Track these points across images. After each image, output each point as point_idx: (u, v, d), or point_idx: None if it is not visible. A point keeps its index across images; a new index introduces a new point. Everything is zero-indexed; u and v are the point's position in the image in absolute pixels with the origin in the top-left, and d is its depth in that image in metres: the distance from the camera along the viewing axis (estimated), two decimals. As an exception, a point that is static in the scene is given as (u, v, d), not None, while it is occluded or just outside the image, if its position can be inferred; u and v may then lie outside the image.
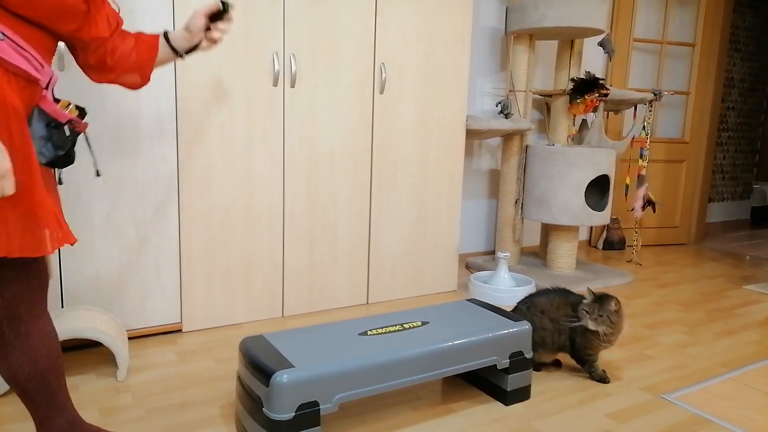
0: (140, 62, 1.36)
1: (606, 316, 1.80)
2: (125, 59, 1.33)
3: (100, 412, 1.61)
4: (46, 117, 1.15)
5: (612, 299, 1.81)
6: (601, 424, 1.63)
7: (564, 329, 1.87)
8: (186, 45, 1.41)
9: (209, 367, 1.92)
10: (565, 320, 1.85)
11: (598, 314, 1.80)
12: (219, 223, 2.21)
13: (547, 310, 1.88)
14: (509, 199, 3.27)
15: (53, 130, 1.16)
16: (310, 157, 2.36)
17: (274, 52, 2.21)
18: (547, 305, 1.89)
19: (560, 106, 3.30)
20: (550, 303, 1.90)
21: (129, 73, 1.36)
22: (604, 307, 1.80)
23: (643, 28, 3.97)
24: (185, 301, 2.19)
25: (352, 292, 2.58)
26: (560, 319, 1.87)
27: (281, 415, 1.34)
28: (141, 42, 1.36)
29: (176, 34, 1.40)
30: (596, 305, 1.81)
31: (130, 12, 1.94)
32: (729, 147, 5.08)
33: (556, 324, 1.87)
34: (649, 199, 3.50)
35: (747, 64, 4.99)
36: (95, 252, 2.00)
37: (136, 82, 1.39)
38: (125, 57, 1.33)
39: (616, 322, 1.81)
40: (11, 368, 1.17)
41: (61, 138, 1.17)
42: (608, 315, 1.80)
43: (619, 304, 1.82)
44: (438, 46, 2.60)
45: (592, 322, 1.80)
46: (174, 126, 2.07)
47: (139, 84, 1.40)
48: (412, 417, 1.64)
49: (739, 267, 3.63)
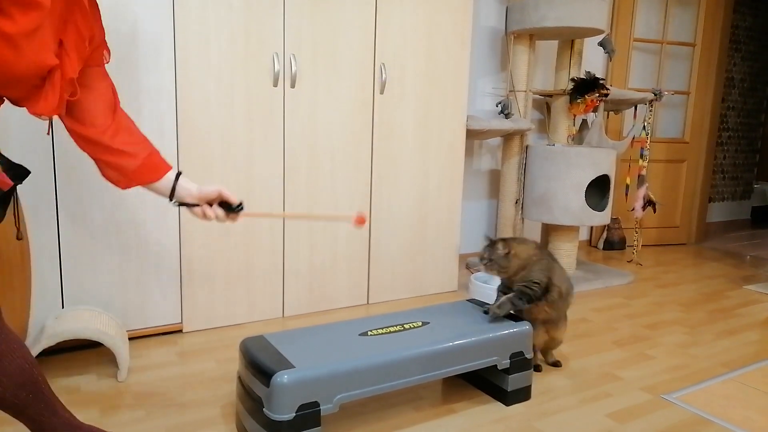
0: (141, 172, 1.27)
1: (494, 260, 1.77)
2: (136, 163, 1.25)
3: (100, 413, 1.61)
4: None
5: (499, 242, 1.78)
6: (602, 425, 1.63)
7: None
8: (184, 198, 1.34)
9: (210, 368, 1.92)
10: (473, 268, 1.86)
11: (488, 258, 1.78)
12: (219, 223, 2.20)
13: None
14: (509, 199, 3.27)
15: None
16: (310, 157, 2.36)
17: (275, 53, 2.21)
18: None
19: (560, 106, 3.29)
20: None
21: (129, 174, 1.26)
22: (492, 250, 1.78)
23: (643, 28, 3.97)
24: (186, 301, 2.19)
25: (352, 292, 2.58)
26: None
27: (282, 415, 1.34)
28: (153, 157, 1.29)
29: (186, 184, 1.33)
30: (487, 250, 1.79)
31: (131, 13, 1.94)
32: (729, 147, 5.08)
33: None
34: (650, 199, 3.50)
35: (747, 63, 4.98)
36: (96, 252, 2.00)
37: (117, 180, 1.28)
38: (137, 162, 1.25)
39: (506, 266, 1.77)
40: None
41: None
42: (496, 259, 1.77)
43: (508, 246, 1.78)
44: (438, 46, 2.60)
45: (483, 267, 1.79)
46: (174, 126, 2.07)
47: (121, 185, 1.28)
48: (412, 417, 1.64)
49: (739, 267, 3.63)
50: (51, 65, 1.03)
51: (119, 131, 1.24)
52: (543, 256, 1.81)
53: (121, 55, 1.94)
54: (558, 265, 1.86)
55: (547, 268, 1.79)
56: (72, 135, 1.23)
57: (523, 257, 1.78)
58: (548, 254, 1.86)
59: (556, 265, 1.85)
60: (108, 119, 1.23)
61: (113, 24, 1.91)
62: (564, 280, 1.86)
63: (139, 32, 1.96)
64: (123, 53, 1.94)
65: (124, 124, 1.27)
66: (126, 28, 1.94)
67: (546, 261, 1.81)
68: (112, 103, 1.26)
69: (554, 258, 1.87)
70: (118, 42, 1.93)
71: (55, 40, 1.04)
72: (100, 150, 1.23)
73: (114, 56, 1.93)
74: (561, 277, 1.85)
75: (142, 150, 1.27)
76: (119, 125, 1.25)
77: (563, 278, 1.86)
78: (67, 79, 1.09)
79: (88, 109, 1.21)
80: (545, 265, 1.79)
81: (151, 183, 1.30)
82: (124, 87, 1.96)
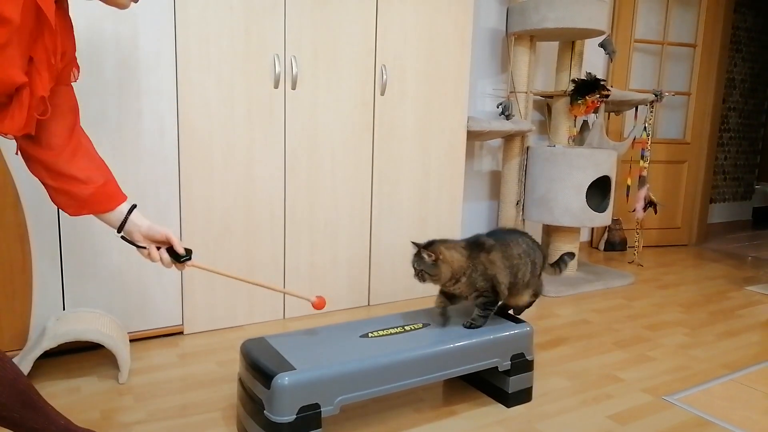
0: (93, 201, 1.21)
1: (423, 270, 1.62)
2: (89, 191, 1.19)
3: (101, 415, 1.61)
4: None
5: (423, 251, 1.62)
6: (603, 426, 1.63)
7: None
8: (132, 234, 1.28)
9: (210, 370, 1.92)
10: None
11: (418, 269, 1.63)
12: (220, 224, 2.21)
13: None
14: (510, 201, 3.27)
15: None
16: (311, 158, 2.36)
17: (275, 54, 2.21)
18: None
19: (561, 108, 3.29)
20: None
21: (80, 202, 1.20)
22: (419, 260, 1.63)
23: (643, 29, 3.97)
24: (186, 303, 2.19)
25: (353, 294, 2.58)
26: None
27: (282, 417, 1.34)
28: (108, 186, 1.23)
29: (137, 220, 1.27)
30: (414, 259, 1.65)
31: (131, 14, 1.94)
32: (730, 148, 5.07)
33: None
34: (651, 200, 3.50)
35: (748, 64, 4.98)
36: (96, 254, 2.00)
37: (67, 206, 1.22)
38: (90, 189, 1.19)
39: (436, 273, 1.61)
40: None
41: None
42: (425, 268, 1.61)
43: (435, 253, 1.61)
44: (439, 47, 2.60)
45: (416, 278, 1.65)
46: (175, 127, 2.07)
47: (71, 212, 1.22)
48: (413, 419, 1.64)
49: (740, 268, 3.62)
50: (19, 83, 0.99)
51: (76, 154, 1.18)
52: (474, 260, 1.65)
53: (121, 56, 1.94)
54: (499, 251, 1.69)
55: (483, 272, 1.65)
56: (24, 156, 1.16)
57: (455, 264, 1.63)
58: (481, 248, 1.68)
59: (495, 257, 1.67)
60: (65, 140, 1.17)
61: (114, 25, 1.92)
62: (510, 265, 1.69)
63: (139, 33, 1.96)
64: (124, 54, 1.95)
65: (83, 146, 1.20)
66: (127, 30, 1.94)
67: (480, 267, 1.65)
68: (72, 124, 1.19)
69: (489, 247, 1.69)
70: (119, 43, 1.93)
71: (24, 56, 1.00)
72: (52, 176, 1.17)
73: (115, 57, 1.93)
74: (505, 263, 1.68)
75: (97, 177, 1.21)
76: (77, 147, 1.19)
77: (508, 262, 1.69)
78: (37, 98, 1.04)
79: (48, 128, 1.15)
80: (482, 270, 1.65)
81: (103, 213, 1.24)
82: (125, 88, 1.96)
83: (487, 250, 1.68)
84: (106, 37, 1.91)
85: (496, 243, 1.71)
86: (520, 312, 1.86)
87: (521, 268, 1.72)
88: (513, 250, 1.72)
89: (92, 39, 1.89)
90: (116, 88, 1.95)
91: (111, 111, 1.95)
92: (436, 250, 1.62)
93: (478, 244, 1.69)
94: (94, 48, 1.90)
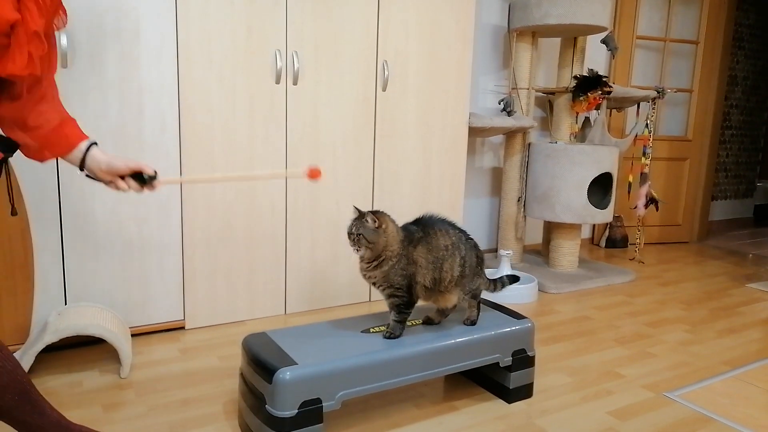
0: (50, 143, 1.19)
1: (362, 234, 1.50)
2: (43, 133, 1.16)
3: (103, 409, 1.61)
4: None
5: (368, 214, 1.52)
6: (604, 422, 1.63)
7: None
8: (94, 171, 1.25)
9: (212, 365, 1.93)
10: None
11: (356, 233, 1.51)
12: (222, 220, 2.21)
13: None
14: (512, 197, 3.27)
15: None
16: (312, 154, 2.36)
17: (277, 50, 2.21)
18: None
19: (563, 104, 3.29)
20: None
21: (38, 146, 1.18)
22: (361, 223, 1.52)
23: (646, 26, 3.96)
24: (188, 298, 2.19)
25: (354, 289, 2.58)
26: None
27: (284, 412, 1.34)
28: (64, 127, 1.20)
29: (97, 156, 1.23)
30: (355, 223, 1.53)
31: (132, 9, 1.94)
32: (732, 145, 5.06)
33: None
34: (652, 197, 3.49)
35: (750, 61, 4.97)
36: (98, 249, 2.00)
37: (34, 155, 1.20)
38: (44, 132, 1.16)
39: (375, 241, 1.50)
40: None
41: None
42: (365, 233, 1.50)
43: (380, 220, 1.51)
44: (440, 43, 2.60)
45: (351, 243, 1.54)
46: (176, 123, 2.07)
47: (35, 157, 1.20)
48: (414, 414, 1.64)
49: (742, 265, 3.62)
50: (12, 20, 0.99)
51: (40, 102, 1.16)
52: (403, 249, 1.55)
53: (123, 51, 1.94)
54: (423, 251, 1.57)
55: (404, 267, 1.54)
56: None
57: (391, 239, 1.53)
58: (410, 239, 1.57)
59: (419, 254, 1.56)
60: (31, 92, 1.14)
61: (116, 21, 1.91)
62: (435, 258, 1.57)
63: (141, 29, 1.96)
64: (125, 50, 1.94)
65: (48, 95, 1.18)
66: (129, 25, 1.94)
67: (404, 260, 1.54)
68: (41, 77, 1.15)
69: (417, 240, 1.57)
70: (121, 38, 1.93)
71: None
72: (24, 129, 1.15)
73: (116, 53, 1.93)
74: (428, 257, 1.57)
75: (54, 118, 1.19)
76: (42, 96, 1.16)
77: (431, 255, 1.57)
78: (30, 33, 1.03)
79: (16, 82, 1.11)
80: (403, 265, 1.54)
81: (62, 155, 1.22)
82: (126, 83, 1.96)
83: (414, 243, 1.57)
84: (108, 32, 1.91)
85: (423, 236, 1.58)
86: (446, 316, 1.72)
87: (447, 260, 1.58)
88: (440, 241, 1.59)
89: (94, 34, 1.89)
90: (118, 83, 1.95)
91: (112, 106, 1.95)
92: (381, 218, 1.52)
93: (409, 233, 1.58)
94: (96, 43, 1.90)
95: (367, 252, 1.52)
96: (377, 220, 1.51)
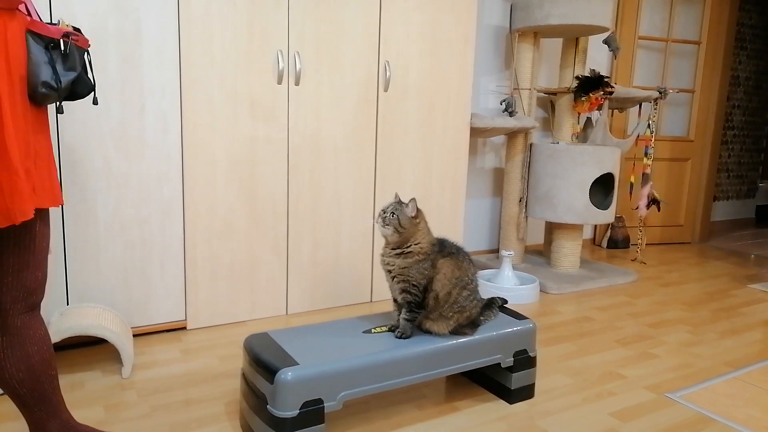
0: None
1: (397, 216, 1.53)
2: None
3: (105, 409, 1.62)
4: (41, 39, 1.02)
5: (413, 201, 1.56)
6: (605, 423, 1.63)
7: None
8: None
9: (213, 365, 1.93)
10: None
11: (392, 212, 1.54)
12: (223, 220, 2.21)
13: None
14: (513, 198, 3.26)
15: (54, 50, 1.04)
16: (314, 154, 2.36)
17: (279, 50, 2.21)
18: None
19: (565, 104, 3.29)
20: None
21: None
22: (401, 207, 1.56)
23: (648, 26, 3.95)
24: (190, 298, 2.20)
25: (355, 290, 2.58)
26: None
27: (286, 412, 1.34)
28: None
29: None
30: (395, 205, 1.57)
31: (134, 11, 1.94)
32: (734, 145, 5.06)
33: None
34: (654, 198, 3.49)
35: (753, 62, 4.96)
36: (100, 249, 2.00)
37: None
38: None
39: (405, 227, 1.54)
40: (4, 373, 1.14)
41: (67, 57, 1.05)
42: (400, 215, 1.53)
43: (419, 214, 1.56)
44: (442, 44, 2.60)
45: (381, 221, 1.56)
46: (178, 124, 2.08)
47: None
48: (416, 415, 1.64)
49: (743, 266, 3.62)
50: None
51: None
52: (431, 252, 1.58)
53: (125, 52, 1.94)
54: (450, 264, 1.59)
55: (426, 269, 1.56)
56: None
57: (422, 236, 1.58)
58: (441, 249, 1.61)
59: (445, 264, 1.58)
60: None
61: (118, 22, 1.92)
62: (450, 284, 1.58)
63: (143, 30, 1.96)
64: (127, 51, 1.95)
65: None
66: (130, 26, 1.94)
67: (428, 263, 1.57)
68: None
69: (448, 254, 1.60)
70: (123, 39, 1.94)
71: None
72: None
73: (118, 54, 1.94)
74: (452, 275, 1.58)
75: None
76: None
77: (455, 275, 1.59)
78: None
79: None
80: (427, 266, 1.56)
81: None
82: (128, 84, 1.97)
83: (444, 254, 1.59)
84: (110, 33, 1.91)
85: (455, 253, 1.61)
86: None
87: (467, 286, 1.60)
88: (469, 269, 1.62)
89: (96, 35, 1.89)
90: (119, 84, 1.95)
91: (114, 107, 1.96)
92: (420, 212, 1.59)
93: (442, 245, 1.62)
94: (98, 44, 1.90)
95: (394, 235, 1.56)
96: (417, 210, 1.58)
